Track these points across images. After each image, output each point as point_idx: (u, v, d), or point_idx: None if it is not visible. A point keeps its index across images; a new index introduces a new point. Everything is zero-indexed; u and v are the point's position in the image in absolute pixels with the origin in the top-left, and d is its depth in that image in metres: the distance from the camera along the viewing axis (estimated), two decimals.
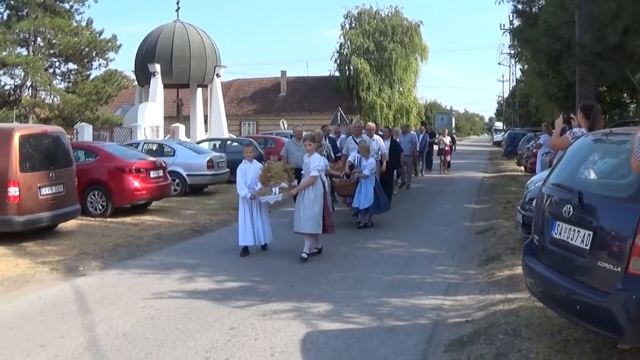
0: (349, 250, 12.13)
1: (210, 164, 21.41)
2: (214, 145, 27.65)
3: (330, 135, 18.88)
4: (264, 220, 11.81)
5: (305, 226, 11.16)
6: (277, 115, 53.81)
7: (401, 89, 58.25)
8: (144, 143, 24.24)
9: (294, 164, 14.00)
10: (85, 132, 29.03)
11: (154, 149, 23.21)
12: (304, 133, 13.87)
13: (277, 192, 11.39)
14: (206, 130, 39.17)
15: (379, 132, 20.39)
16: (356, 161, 14.59)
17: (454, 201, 20.40)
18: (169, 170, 18.98)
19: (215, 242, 13.25)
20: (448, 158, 32.67)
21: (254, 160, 12.03)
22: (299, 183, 11.70)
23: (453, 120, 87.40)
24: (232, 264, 10.90)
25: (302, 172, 11.63)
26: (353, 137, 16.34)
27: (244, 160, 11.90)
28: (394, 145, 18.78)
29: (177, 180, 20.97)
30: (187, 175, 21.08)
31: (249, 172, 11.73)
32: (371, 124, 18.03)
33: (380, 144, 16.66)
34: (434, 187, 25.20)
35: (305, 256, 11.16)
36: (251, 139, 28.07)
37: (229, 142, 27.71)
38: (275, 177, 11.34)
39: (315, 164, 11.14)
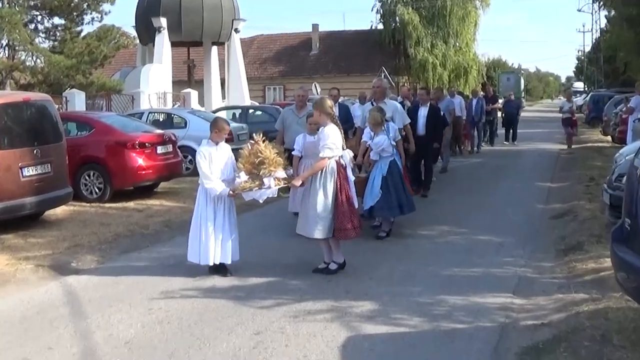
0: (397, 238, 12.12)
1: (229, 137, 21.37)
2: (234, 114, 27.76)
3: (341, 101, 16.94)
4: (232, 230, 9.76)
5: (302, 227, 9.70)
6: (309, 77, 53.58)
7: (458, 44, 57.66)
8: (149, 113, 24.59)
9: (290, 143, 12.25)
10: (77, 101, 29.16)
11: (162, 119, 23.52)
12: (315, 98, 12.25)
13: (273, 186, 9.38)
14: (223, 97, 39.42)
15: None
16: (369, 139, 12.14)
17: (523, 179, 20.35)
18: (179, 145, 19.13)
19: None
20: (574, 131, 30.51)
21: (222, 142, 9.79)
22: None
23: (522, 80, 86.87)
24: (256, 254, 10.82)
25: (299, 154, 10.45)
26: (372, 103, 13.98)
27: (207, 141, 9.70)
28: (434, 114, 17.12)
29: (190, 157, 21.03)
30: None
31: (215, 157, 9.57)
32: (379, 81, 14.78)
33: (399, 110, 14.16)
34: (497, 160, 25.29)
35: (322, 266, 9.87)
36: (277, 107, 28.06)
37: (251, 111, 27.79)
38: (268, 164, 9.28)
39: (325, 141, 9.42)
